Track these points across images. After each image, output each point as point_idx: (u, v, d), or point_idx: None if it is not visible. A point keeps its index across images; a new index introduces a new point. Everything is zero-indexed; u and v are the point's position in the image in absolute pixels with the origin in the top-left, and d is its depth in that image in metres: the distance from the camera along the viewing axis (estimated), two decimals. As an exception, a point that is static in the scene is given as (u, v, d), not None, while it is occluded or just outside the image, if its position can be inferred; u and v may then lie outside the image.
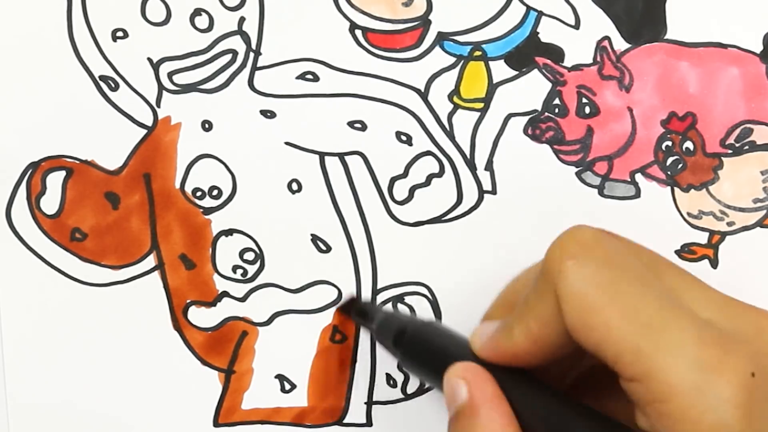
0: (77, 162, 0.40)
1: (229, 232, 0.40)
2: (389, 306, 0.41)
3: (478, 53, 0.40)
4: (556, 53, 0.40)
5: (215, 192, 0.40)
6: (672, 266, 0.32)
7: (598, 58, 0.40)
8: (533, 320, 0.30)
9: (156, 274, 0.40)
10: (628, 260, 0.30)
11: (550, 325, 0.30)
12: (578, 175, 0.40)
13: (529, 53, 0.40)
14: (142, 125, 0.40)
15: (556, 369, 0.33)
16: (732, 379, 0.27)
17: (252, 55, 0.40)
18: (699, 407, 0.27)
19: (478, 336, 0.33)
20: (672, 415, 0.27)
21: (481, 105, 0.40)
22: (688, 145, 0.40)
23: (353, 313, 0.40)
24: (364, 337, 0.41)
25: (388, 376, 0.41)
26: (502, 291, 0.36)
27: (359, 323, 0.40)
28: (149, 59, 0.40)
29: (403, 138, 0.40)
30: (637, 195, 0.40)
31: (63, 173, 0.40)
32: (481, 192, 0.40)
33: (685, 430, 0.27)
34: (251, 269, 0.41)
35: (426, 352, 0.35)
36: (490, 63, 0.40)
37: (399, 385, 0.41)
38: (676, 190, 0.40)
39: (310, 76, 0.40)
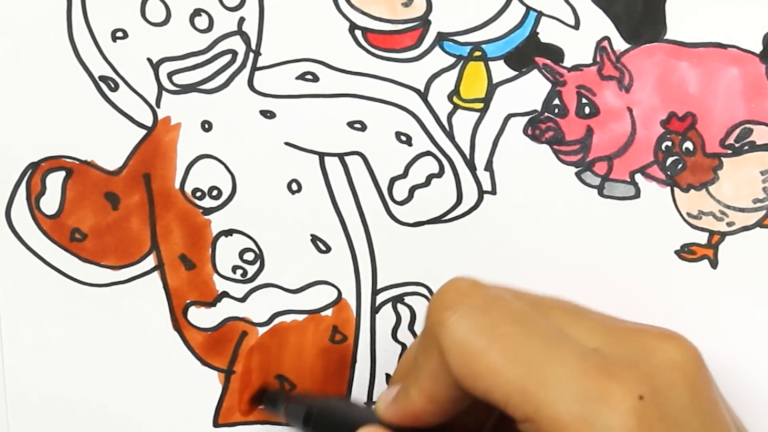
0: (77, 162, 0.40)
1: (228, 233, 0.40)
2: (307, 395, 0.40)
3: (477, 53, 0.40)
4: (555, 53, 0.40)
5: (215, 192, 0.40)
6: (557, 303, 0.32)
7: (598, 59, 0.40)
8: (424, 378, 0.31)
9: (156, 275, 0.41)
10: (507, 304, 0.30)
11: (441, 380, 0.30)
12: (578, 175, 0.40)
13: (529, 53, 0.40)
14: (141, 125, 0.40)
15: (472, 421, 0.33)
16: (618, 406, 0.27)
17: (252, 55, 0.40)
18: None
19: (381, 401, 0.33)
20: None
21: (480, 105, 0.40)
22: (688, 145, 0.40)
23: (263, 402, 0.40)
24: (364, 337, 0.41)
25: (388, 376, 0.41)
26: (404, 355, 0.36)
27: (270, 412, 0.40)
28: (149, 59, 0.40)
29: (403, 138, 0.40)
30: (637, 195, 0.40)
31: (63, 173, 0.40)
32: (481, 192, 0.40)
33: None
34: (251, 269, 0.41)
35: (334, 427, 0.36)
36: (490, 63, 0.40)
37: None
38: (676, 190, 0.40)
39: (309, 77, 0.40)
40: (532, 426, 0.28)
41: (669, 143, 0.40)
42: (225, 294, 0.41)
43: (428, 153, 0.40)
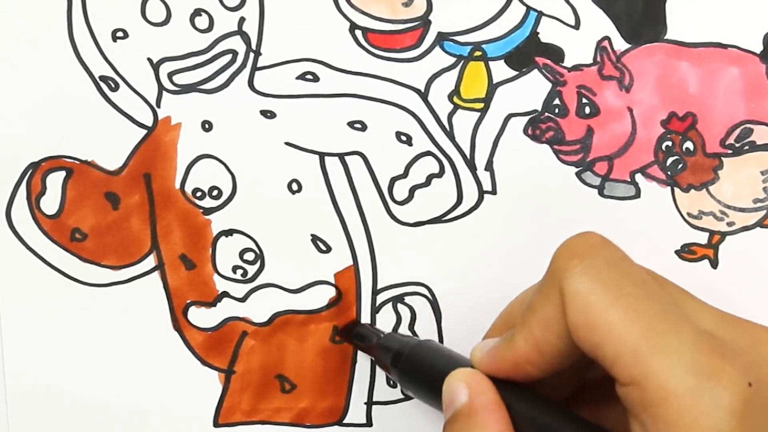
0: (77, 162, 0.40)
1: (229, 233, 0.40)
2: (390, 330, 0.40)
3: (478, 53, 0.40)
4: (556, 53, 0.40)
5: (215, 192, 0.40)
6: (670, 282, 0.32)
7: (598, 58, 0.40)
8: (536, 324, 0.30)
9: (156, 275, 0.40)
10: (632, 265, 0.30)
11: (553, 328, 0.30)
12: (578, 175, 0.40)
13: (529, 53, 0.40)
14: (142, 125, 0.40)
15: (551, 385, 0.33)
16: (729, 387, 0.27)
17: (252, 55, 0.40)
18: (694, 412, 0.27)
19: (478, 350, 0.33)
20: (666, 420, 0.27)
21: (481, 105, 0.40)
22: (688, 145, 0.40)
23: (352, 336, 0.40)
24: (364, 337, 0.41)
25: (388, 377, 0.41)
26: (501, 313, 0.36)
27: (358, 347, 0.40)
28: (149, 59, 0.40)
29: (403, 138, 0.40)
30: (637, 195, 0.40)
31: (63, 173, 0.40)
32: (481, 192, 0.40)
33: None
34: (251, 269, 0.41)
35: (424, 371, 0.35)
36: (490, 63, 0.40)
37: (399, 385, 0.41)
38: (676, 190, 0.40)
39: (310, 76, 0.40)
40: (636, 390, 0.28)
41: (669, 143, 0.40)
42: (225, 294, 0.41)
43: (428, 153, 0.40)
